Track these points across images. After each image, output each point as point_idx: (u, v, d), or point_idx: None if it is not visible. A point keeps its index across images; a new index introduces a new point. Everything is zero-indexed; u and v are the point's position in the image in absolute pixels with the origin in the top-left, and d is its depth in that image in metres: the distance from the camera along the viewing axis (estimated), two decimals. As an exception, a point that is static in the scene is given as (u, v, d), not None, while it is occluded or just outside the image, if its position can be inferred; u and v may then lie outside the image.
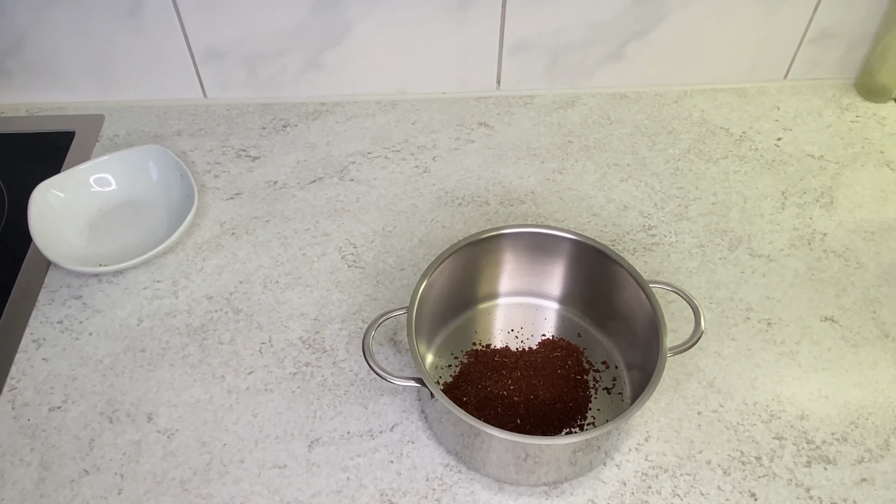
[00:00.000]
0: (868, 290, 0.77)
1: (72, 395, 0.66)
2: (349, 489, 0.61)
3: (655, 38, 0.93)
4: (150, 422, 0.65)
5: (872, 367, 0.70)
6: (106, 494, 0.60)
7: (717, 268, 0.78)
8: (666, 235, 0.81)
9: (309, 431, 0.64)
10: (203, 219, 0.81)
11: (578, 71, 0.96)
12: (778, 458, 0.63)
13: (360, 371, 0.68)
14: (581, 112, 0.96)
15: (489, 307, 0.73)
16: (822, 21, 0.93)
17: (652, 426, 0.65)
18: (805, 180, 0.88)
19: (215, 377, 0.68)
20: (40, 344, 0.70)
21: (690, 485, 0.61)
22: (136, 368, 0.68)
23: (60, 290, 0.74)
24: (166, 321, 0.72)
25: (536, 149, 0.91)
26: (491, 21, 0.90)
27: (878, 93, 0.98)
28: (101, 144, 0.89)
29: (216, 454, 0.63)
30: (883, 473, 0.63)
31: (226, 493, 0.60)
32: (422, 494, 0.60)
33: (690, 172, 0.89)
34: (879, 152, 0.92)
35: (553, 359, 0.68)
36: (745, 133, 0.94)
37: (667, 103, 0.97)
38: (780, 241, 0.81)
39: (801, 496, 0.61)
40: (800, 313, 0.74)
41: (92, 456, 0.62)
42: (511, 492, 0.61)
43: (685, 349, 0.61)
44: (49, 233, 0.75)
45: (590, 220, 0.82)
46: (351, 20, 0.89)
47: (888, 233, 0.82)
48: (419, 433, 0.64)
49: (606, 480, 0.62)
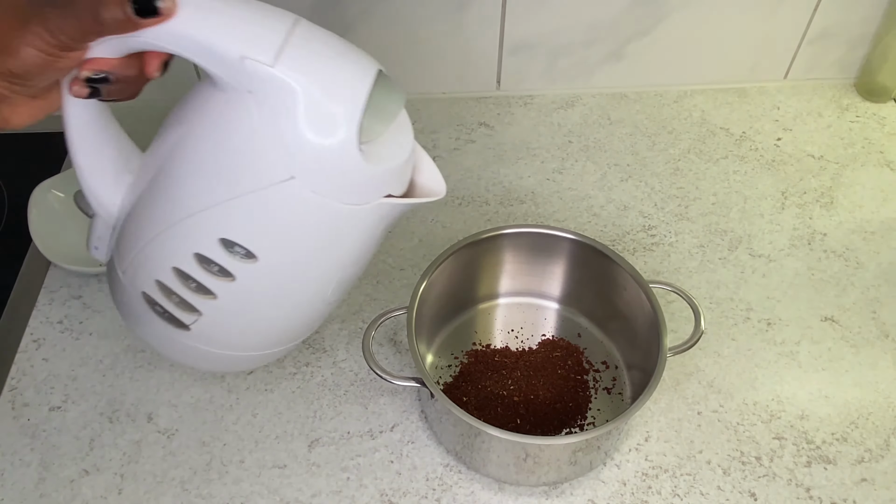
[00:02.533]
0: (868, 290, 0.77)
1: (72, 395, 0.66)
2: (349, 489, 0.61)
3: (655, 38, 0.93)
4: (150, 422, 0.65)
5: (872, 367, 0.70)
6: (106, 494, 0.60)
7: (717, 268, 0.78)
8: (666, 235, 0.81)
9: (309, 431, 0.64)
10: (203, 219, 0.81)
11: (578, 71, 0.96)
12: (778, 458, 0.63)
13: (360, 371, 0.68)
14: (581, 112, 0.96)
15: (489, 307, 0.73)
16: (822, 21, 0.93)
17: (652, 426, 0.65)
18: (805, 180, 0.88)
19: (215, 377, 0.68)
20: (40, 344, 0.70)
21: (690, 485, 0.61)
22: (136, 368, 0.68)
23: (60, 290, 0.74)
24: (166, 321, 0.72)
25: (536, 149, 0.91)
26: (491, 21, 0.90)
27: (878, 93, 0.98)
28: (101, 144, 0.90)
29: (216, 454, 0.63)
30: (883, 473, 0.63)
31: (226, 493, 0.60)
32: (422, 494, 0.60)
33: (690, 172, 0.89)
34: (879, 152, 0.92)
35: (553, 359, 0.68)
36: (745, 133, 0.94)
37: (667, 103, 0.97)
38: (780, 241, 0.81)
39: (801, 496, 0.61)
40: (800, 313, 0.74)
41: (92, 456, 0.62)
42: (511, 492, 0.61)
43: (685, 349, 0.61)
44: (49, 233, 0.75)
45: (590, 220, 0.82)
46: (351, 20, 0.89)
47: (888, 233, 0.82)
48: (419, 433, 0.64)
49: (606, 480, 0.62)
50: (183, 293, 0.44)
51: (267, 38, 0.37)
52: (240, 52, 0.37)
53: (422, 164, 0.45)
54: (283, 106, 0.37)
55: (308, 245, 0.42)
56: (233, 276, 0.42)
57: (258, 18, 0.38)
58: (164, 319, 0.46)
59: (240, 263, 0.42)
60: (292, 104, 0.37)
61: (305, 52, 0.38)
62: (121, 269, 0.46)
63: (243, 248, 0.41)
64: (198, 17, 0.37)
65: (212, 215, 0.41)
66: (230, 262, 0.42)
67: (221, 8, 0.38)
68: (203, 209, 0.41)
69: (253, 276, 0.42)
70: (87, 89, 0.39)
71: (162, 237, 0.43)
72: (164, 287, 0.44)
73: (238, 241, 0.41)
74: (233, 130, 0.39)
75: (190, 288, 0.43)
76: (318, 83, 0.38)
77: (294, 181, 0.39)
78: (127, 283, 0.46)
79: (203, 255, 0.42)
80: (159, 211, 0.42)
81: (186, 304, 0.44)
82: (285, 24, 0.38)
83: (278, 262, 0.42)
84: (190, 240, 0.42)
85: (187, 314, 0.45)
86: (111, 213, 0.46)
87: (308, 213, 0.40)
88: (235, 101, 0.38)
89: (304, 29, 0.39)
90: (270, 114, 0.38)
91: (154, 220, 0.43)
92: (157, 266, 0.44)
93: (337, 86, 0.38)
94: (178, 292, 0.44)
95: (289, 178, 0.39)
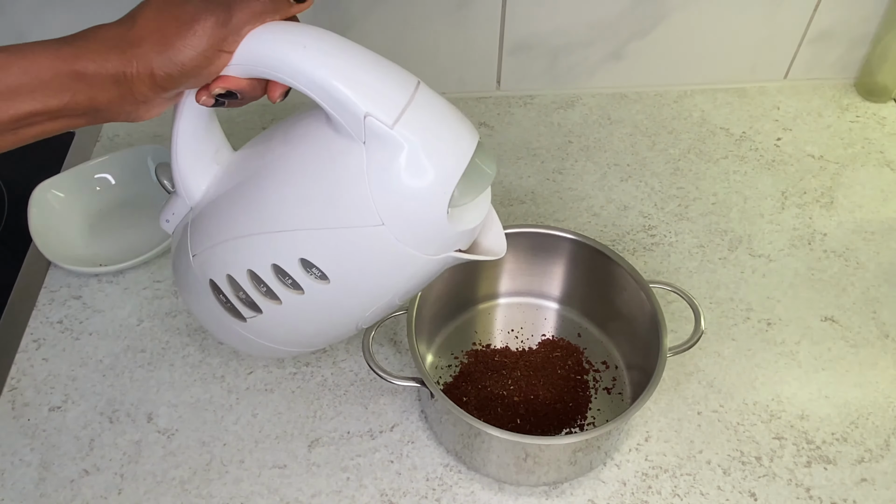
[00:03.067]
0: (868, 290, 0.77)
1: (72, 395, 0.66)
2: (349, 489, 0.61)
3: (655, 38, 0.93)
4: (150, 422, 0.65)
5: (872, 367, 0.70)
6: (106, 494, 0.60)
7: (717, 268, 0.78)
8: (666, 235, 0.81)
9: (309, 431, 0.64)
10: (203, 219, 0.81)
11: (578, 71, 0.96)
12: (778, 458, 0.63)
13: (360, 371, 0.68)
14: (581, 112, 0.96)
15: (489, 307, 0.73)
16: (822, 21, 0.93)
17: (652, 426, 0.65)
18: (805, 180, 0.88)
19: (215, 377, 0.68)
20: (40, 344, 0.70)
21: (690, 485, 0.61)
22: (136, 368, 0.68)
23: (60, 290, 0.74)
24: (166, 321, 0.72)
25: (536, 149, 0.91)
26: (491, 21, 0.90)
27: (878, 93, 0.98)
28: (101, 144, 0.90)
29: (216, 454, 0.63)
30: (883, 473, 0.63)
31: (226, 493, 0.60)
32: (422, 494, 0.60)
33: (690, 172, 0.89)
34: (879, 152, 0.92)
35: (553, 359, 0.68)
36: (745, 133, 0.94)
37: (667, 103, 0.97)
38: (780, 241, 0.81)
39: (801, 496, 0.61)
40: (800, 313, 0.74)
41: (92, 456, 0.62)
42: (511, 492, 0.61)
43: (685, 349, 0.61)
44: (49, 233, 0.75)
45: (590, 220, 0.82)
46: (352, 20, 0.89)
47: (888, 233, 0.82)
48: (419, 433, 0.64)
49: (606, 480, 0.62)
50: (252, 293, 0.47)
51: (391, 100, 0.41)
52: (365, 109, 0.40)
53: (491, 225, 0.50)
54: (389, 160, 0.41)
55: (377, 280, 0.46)
56: (302, 291, 0.46)
57: (385, 77, 0.41)
58: (223, 307, 0.49)
59: (312, 282, 0.45)
60: (398, 161, 0.41)
61: (421, 118, 0.41)
62: (192, 252, 0.49)
63: (320, 271, 0.45)
64: (330, 65, 0.40)
65: (299, 237, 0.44)
66: (304, 279, 0.45)
67: (354, 59, 0.41)
68: (292, 229, 0.44)
69: (320, 294, 0.46)
70: (213, 100, 0.44)
71: (245, 241, 0.46)
72: (234, 283, 0.47)
73: (317, 265, 0.45)
74: (338, 170, 0.42)
75: (259, 291, 0.47)
76: (425, 148, 0.41)
77: (383, 228, 0.43)
78: (196, 267, 0.49)
79: (281, 267, 0.45)
80: (247, 216, 0.46)
81: (251, 303, 0.48)
82: (409, 87, 0.42)
83: (346, 287, 0.46)
84: (272, 251, 0.45)
85: (249, 310, 0.48)
86: (193, 197, 0.49)
87: (386, 255, 0.44)
88: (346, 144, 0.42)
89: (423, 93, 0.42)
90: (376, 164, 0.41)
91: (239, 222, 0.46)
92: (233, 263, 0.47)
93: (441, 153, 0.42)
94: (247, 291, 0.47)
95: (379, 224, 0.42)
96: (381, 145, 0.41)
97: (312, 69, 0.40)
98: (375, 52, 0.42)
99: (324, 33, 0.41)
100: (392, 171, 0.41)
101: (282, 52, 0.41)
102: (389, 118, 0.40)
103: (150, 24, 0.40)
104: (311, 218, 0.44)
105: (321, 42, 0.41)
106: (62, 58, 0.40)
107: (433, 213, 0.43)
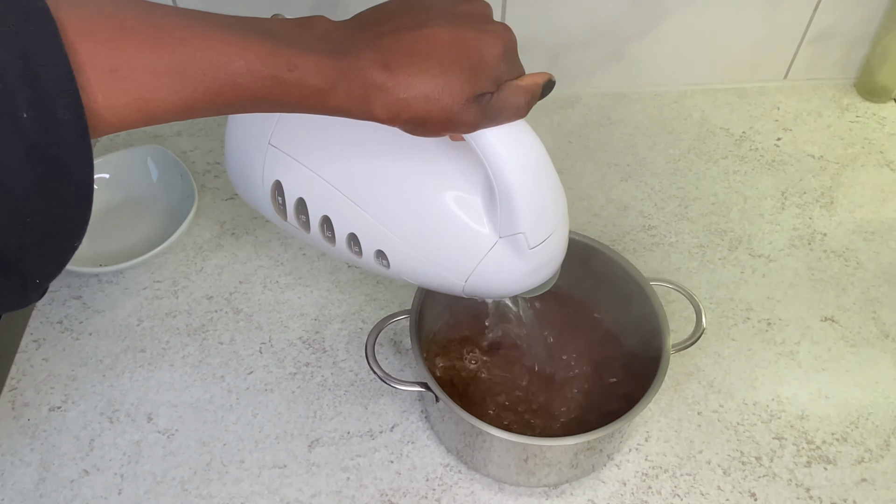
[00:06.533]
0: (868, 290, 0.77)
1: (72, 395, 0.66)
2: (349, 489, 0.61)
3: (655, 38, 0.93)
4: (150, 422, 0.65)
5: (872, 367, 0.70)
6: (106, 494, 0.60)
7: (717, 268, 0.78)
8: (666, 235, 0.81)
9: (309, 431, 0.64)
10: (203, 219, 0.81)
11: (578, 71, 0.96)
12: (778, 458, 0.63)
13: (360, 371, 0.68)
14: (581, 112, 0.96)
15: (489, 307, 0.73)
16: (822, 21, 0.93)
17: (652, 426, 0.65)
18: (805, 180, 0.88)
19: (215, 377, 0.68)
20: (40, 344, 0.70)
21: (690, 485, 0.61)
22: (136, 368, 0.68)
23: (60, 290, 0.74)
24: (166, 321, 0.72)
25: (536, 149, 0.91)
26: (491, 21, 0.90)
27: (878, 93, 0.98)
28: (101, 144, 0.89)
29: (216, 454, 0.63)
30: (883, 473, 0.63)
31: (226, 493, 0.60)
32: (422, 494, 0.60)
33: (690, 172, 0.89)
34: (879, 152, 0.92)
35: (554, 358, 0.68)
36: (745, 133, 0.94)
37: (667, 103, 0.97)
38: (780, 241, 0.81)
39: (801, 496, 0.61)
40: (800, 313, 0.74)
41: (92, 456, 0.62)
42: (511, 492, 0.61)
43: (687, 346, 0.61)
44: (49, 233, 0.75)
45: (590, 220, 0.82)
46: (351, 20, 0.88)
47: (888, 233, 0.82)
48: (419, 433, 0.64)
49: (606, 480, 0.62)
50: (314, 228, 0.51)
51: (542, 229, 0.47)
52: (524, 229, 0.46)
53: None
54: (507, 262, 0.48)
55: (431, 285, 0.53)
56: (361, 257, 0.50)
57: (548, 208, 0.47)
58: (273, 203, 0.52)
59: (374, 261, 0.50)
60: (513, 267, 0.48)
61: (551, 250, 0.48)
62: (272, 142, 0.50)
63: (388, 262, 0.50)
64: (528, 188, 0.44)
65: (389, 237, 0.48)
66: (370, 257, 0.50)
67: (544, 188, 0.46)
68: (387, 227, 0.48)
69: (376, 267, 0.51)
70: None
71: (336, 194, 0.49)
72: (303, 207, 0.50)
73: (389, 259, 0.50)
74: (462, 230, 0.47)
75: (322, 230, 0.51)
76: (536, 269, 0.49)
77: (463, 283, 0.50)
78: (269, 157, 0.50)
79: (357, 238, 0.50)
80: (350, 176, 0.48)
81: (306, 224, 0.51)
82: (555, 220, 0.47)
83: (402, 274, 0.51)
84: (356, 224, 0.49)
85: (300, 228, 0.52)
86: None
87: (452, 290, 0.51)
88: (485, 222, 0.47)
89: (563, 230, 0.49)
90: (496, 256, 0.47)
91: (340, 174, 0.48)
92: (312, 196, 0.50)
93: (541, 275, 0.50)
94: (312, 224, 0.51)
95: (461, 281, 0.49)
96: (511, 251, 0.47)
97: (514, 184, 0.44)
98: (557, 175, 0.47)
99: (537, 147, 0.45)
100: (502, 267, 0.48)
101: (504, 155, 0.43)
102: (533, 242, 0.46)
103: (408, 71, 0.38)
104: (410, 235, 0.48)
105: (532, 157, 0.44)
106: (279, 65, 0.35)
107: (506, 293, 0.52)
